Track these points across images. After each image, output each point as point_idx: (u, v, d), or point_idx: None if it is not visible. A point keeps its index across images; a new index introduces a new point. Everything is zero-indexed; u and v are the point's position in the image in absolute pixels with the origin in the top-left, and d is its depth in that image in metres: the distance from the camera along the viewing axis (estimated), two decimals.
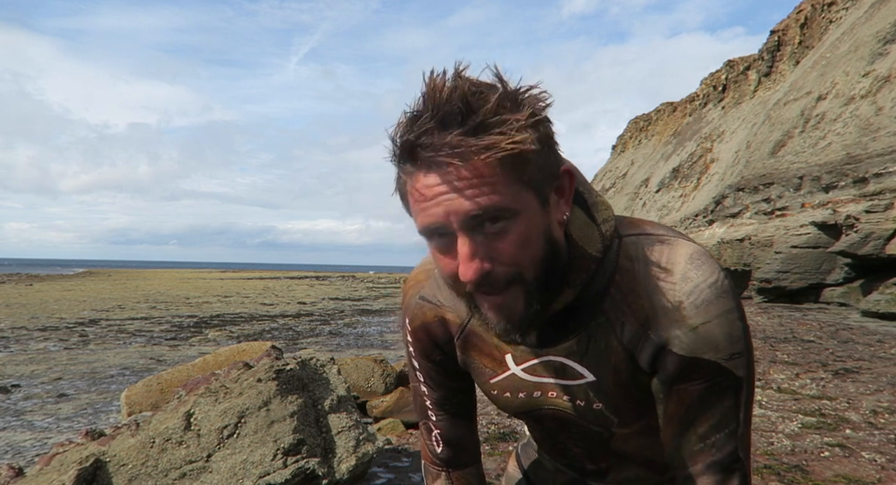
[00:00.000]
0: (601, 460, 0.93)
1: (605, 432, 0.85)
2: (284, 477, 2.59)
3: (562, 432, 0.90)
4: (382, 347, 11.22)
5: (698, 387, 0.73)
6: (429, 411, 0.98)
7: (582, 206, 0.75)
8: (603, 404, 0.81)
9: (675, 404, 0.75)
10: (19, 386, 7.63)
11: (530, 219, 0.66)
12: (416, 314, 0.91)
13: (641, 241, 0.76)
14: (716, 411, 0.73)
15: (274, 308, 19.68)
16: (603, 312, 0.76)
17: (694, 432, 0.74)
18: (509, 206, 0.64)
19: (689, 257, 0.74)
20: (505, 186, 0.63)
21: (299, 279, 48.48)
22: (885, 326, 8.52)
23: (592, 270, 0.74)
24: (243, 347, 5.14)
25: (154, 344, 11.34)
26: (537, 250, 0.67)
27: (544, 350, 0.80)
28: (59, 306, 18.96)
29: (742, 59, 32.33)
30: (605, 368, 0.78)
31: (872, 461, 3.39)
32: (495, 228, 0.65)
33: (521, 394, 0.86)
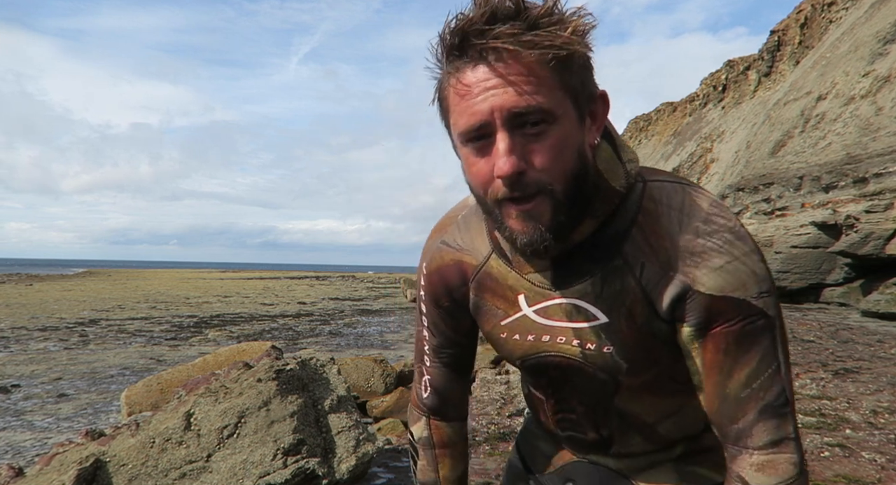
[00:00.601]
0: (603, 425, 0.90)
1: (611, 381, 0.83)
2: (284, 477, 2.59)
3: (565, 384, 0.88)
4: (382, 347, 11.23)
5: (732, 328, 0.71)
6: (425, 356, 1.00)
7: (609, 141, 0.75)
8: (614, 347, 0.79)
9: (711, 351, 0.72)
10: (19, 386, 7.63)
11: (568, 129, 0.67)
12: (433, 258, 0.93)
13: (666, 185, 0.76)
14: (755, 352, 0.71)
15: (274, 308, 19.68)
16: (621, 254, 0.75)
17: (736, 378, 0.71)
18: (553, 109, 0.64)
19: (711, 203, 0.74)
20: (551, 88, 0.64)
21: (299, 279, 48.49)
22: (885, 326, 8.52)
23: (615, 204, 0.74)
24: (243, 347, 5.14)
25: (154, 344, 11.34)
26: (569, 163, 0.67)
27: (558, 292, 0.79)
28: (59, 306, 18.96)
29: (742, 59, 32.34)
30: (620, 310, 0.76)
31: (872, 461, 3.39)
32: (535, 130, 0.65)
33: (530, 337, 0.85)
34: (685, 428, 0.91)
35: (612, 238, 0.75)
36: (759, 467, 0.71)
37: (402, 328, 14.44)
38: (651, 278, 0.74)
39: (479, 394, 5.67)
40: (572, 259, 0.77)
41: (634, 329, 0.77)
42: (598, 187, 0.73)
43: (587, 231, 0.75)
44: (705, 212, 0.73)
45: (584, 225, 0.74)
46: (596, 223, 0.74)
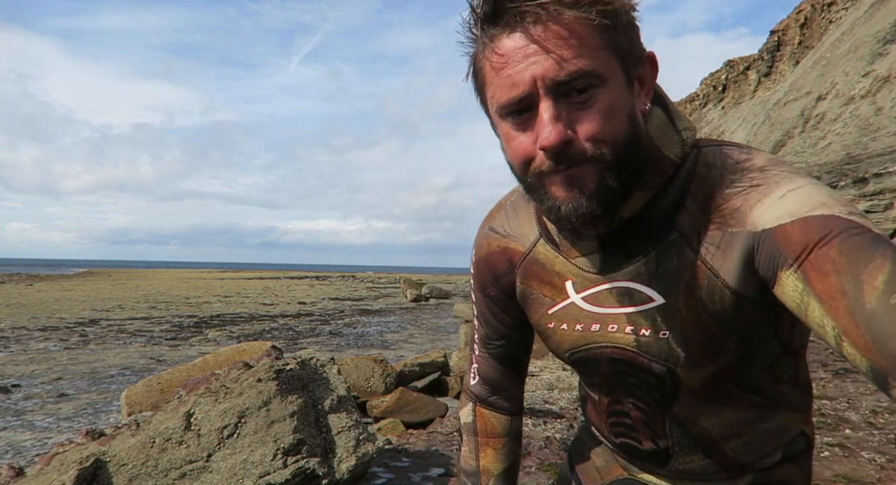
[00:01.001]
0: (661, 434, 0.81)
1: (668, 377, 0.74)
2: (284, 477, 2.60)
3: (618, 382, 0.80)
4: (382, 347, 11.23)
5: (829, 245, 0.55)
6: (475, 344, 0.97)
7: (662, 107, 0.70)
8: (671, 331, 0.70)
9: (821, 280, 0.55)
10: (19, 386, 7.64)
11: (617, 92, 0.61)
12: (481, 245, 0.89)
13: (721, 149, 0.69)
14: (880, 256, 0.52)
15: (274, 308, 19.69)
16: (675, 227, 0.67)
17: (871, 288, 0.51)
18: (599, 71, 0.59)
19: (770, 160, 0.67)
20: (596, 49, 0.59)
21: (299, 279, 48.51)
22: None
23: (668, 175, 0.67)
24: (243, 347, 5.14)
25: (154, 344, 11.34)
26: (620, 128, 0.62)
27: (607, 276, 0.72)
28: (59, 306, 18.97)
29: (742, 59, 32.33)
30: (677, 287, 0.68)
31: (872, 461, 3.39)
32: (582, 97, 0.60)
33: (578, 326, 0.77)
34: (756, 452, 0.81)
35: (666, 211, 0.68)
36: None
37: (402, 328, 14.45)
38: (711, 245, 0.65)
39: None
40: (622, 238, 0.70)
41: (694, 308, 0.68)
42: (648, 157, 0.66)
43: (637, 205, 0.67)
44: (760, 165, 0.66)
45: (633, 198, 0.67)
46: (647, 196, 0.67)
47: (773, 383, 0.76)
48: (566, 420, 4.52)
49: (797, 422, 0.84)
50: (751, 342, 0.69)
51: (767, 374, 0.75)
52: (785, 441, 0.83)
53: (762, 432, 0.80)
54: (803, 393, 0.83)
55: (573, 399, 5.07)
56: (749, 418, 0.78)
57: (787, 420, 0.82)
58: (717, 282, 0.66)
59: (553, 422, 4.47)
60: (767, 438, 0.81)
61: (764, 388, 0.76)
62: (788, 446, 0.84)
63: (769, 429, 0.80)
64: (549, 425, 4.38)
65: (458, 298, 23.80)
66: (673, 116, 0.70)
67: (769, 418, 0.79)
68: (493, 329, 0.93)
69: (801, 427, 0.85)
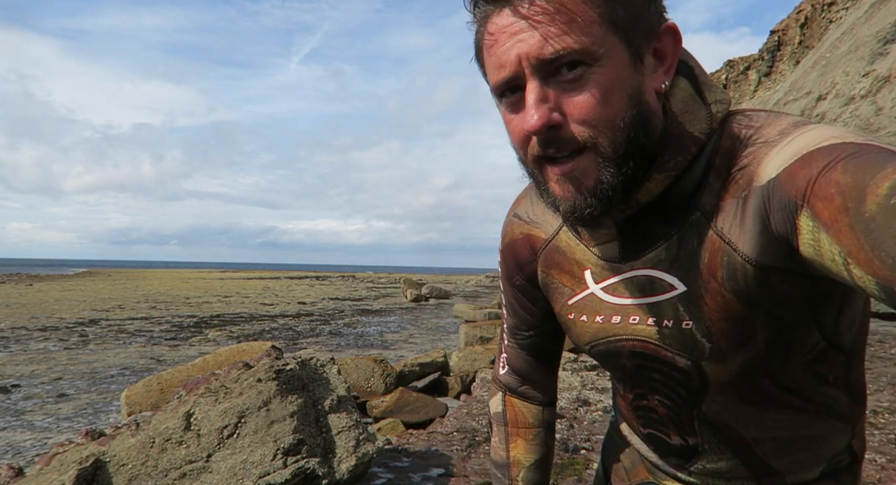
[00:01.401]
0: (689, 430, 0.75)
1: (694, 372, 0.68)
2: (284, 477, 2.59)
3: (643, 378, 0.75)
4: (382, 347, 11.23)
5: (834, 169, 0.48)
6: (504, 333, 0.94)
7: (690, 79, 0.63)
8: (693, 320, 0.64)
9: (827, 207, 0.48)
10: (19, 386, 7.63)
11: (615, 71, 0.56)
12: (506, 232, 0.86)
13: (750, 116, 0.62)
14: (886, 166, 0.45)
15: (274, 308, 19.68)
16: (698, 207, 0.62)
17: (873, 195, 0.44)
18: (590, 48, 0.55)
19: (796, 120, 0.59)
20: (589, 24, 0.54)
21: (299, 279, 48.52)
22: (885, 326, 8.51)
23: (693, 154, 0.61)
24: (243, 347, 5.14)
25: (154, 344, 11.34)
26: (618, 111, 0.57)
27: (627, 264, 0.67)
28: (59, 306, 18.97)
29: (742, 59, 32.34)
30: (698, 271, 0.62)
31: (872, 461, 3.39)
32: (572, 75, 0.56)
33: (598, 318, 0.73)
34: (792, 460, 0.75)
35: (689, 191, 0.62)
36: None
37: (401, 328, 14.45)
38: (727, 218, 0.60)
39: (479, 394, 5.67)
40: (643, 223, 0.65)
41: (716, 292, 0.62)
42: (668, 136, 0.61)
43: (657, 189, 0.62)
44: (782, 127, 0.59)
45: (652, 182, 0.62)
46: (667, 179, 0.62)
47: (816, 383, 0.69)
48: (566, 420, 4.51)
49: (843, 434, 0.76)
50: (783, 324, 0.62)
51: (809, 372, 0.67)
52: (828, 454, 0.76)
53: (801, 438, 0.73)
54: (854, 401, 0.75)
55: (573, 399, 5.07)
56: (786, 421, 0.72)
57: (832, 430, 0.75)
58: (736, 257, 0.59)
59: None
60: (807, 445, 0.74)
61: (805, 388, 0.69)
62: (831, 461, 0.77)
63: (810, 436, 0.73)
64: None
65: (458, 298, 23.80)
66: (702, 88, 0.63)
67: (810, 424, 0.72)
68: (520, 319, 0.89)
69: (847, 440, 0.77)
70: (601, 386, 5.50)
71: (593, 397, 5.19)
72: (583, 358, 7.05)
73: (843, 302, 0.62)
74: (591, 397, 5.16)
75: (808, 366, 0.67)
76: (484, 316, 14.51)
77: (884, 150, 0.48)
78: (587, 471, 3.49)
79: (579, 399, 5.08)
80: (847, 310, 0.64)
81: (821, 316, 0.62)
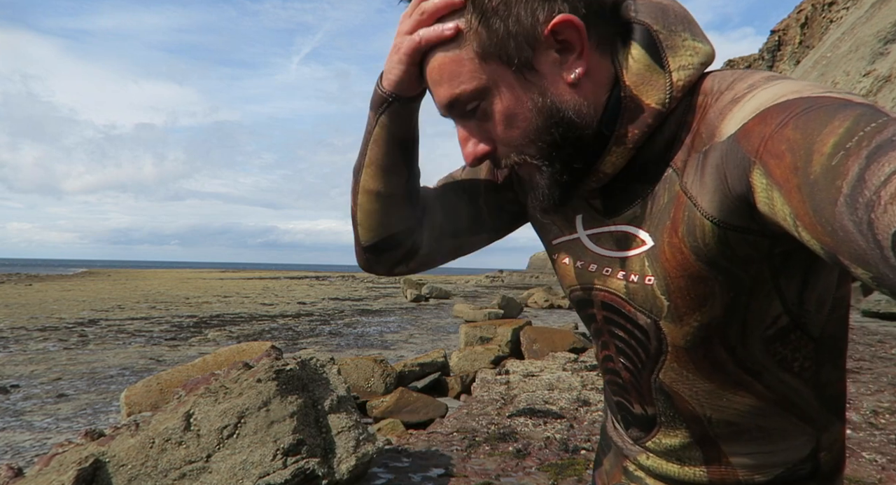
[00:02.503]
0: (647, 397, 0.75)
1: (653, 331, 0.68)
2: (284, 477, 2.59)
3: (609, 333, 0.75)
4: (382, 347, 11.22)
5: (788, 124, 0.47)
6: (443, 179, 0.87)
7: (648, 46, 0.61)
8: (654, 277, 0.65)
9: (777, 165, 0.47)
10: (19, 386, 7.63)
11: (506, 96, 0.61)
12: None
13: (733, 72, 0.61)
14: (839, 119, 0.43)
15: (274, 308, 19.68)
16: (671, 164, 0.63)
17: (819, 154, 0.43)
18: (474, 88, 0.61)
19: (769, 75, 0.58)
20: (461, 65, 0.61)
21: (299, 279, 48.53)
22: (885, 327, 8.51)
23: (650, 125, 0.61)
24: (243, 347, 5.13)
25: (154, 344, 11.34)
26: (526, 127, 0.62)
27: (610, 219, 0.70)
28: (58, 306, 18.97)
29: (742, 59, 32.36)
30: (663, 226, 0.63)
31: (873, 462, 3.38)
32: (476, 113, 0.63)
33: (579, 263, 0.75)
34: (745, 447, 0.72)
35: (661, 150, 0.63)
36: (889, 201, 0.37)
37: (401, 328, 14.45)
38: (690, 172, 0.60)
39: (479, 394, 5.66)
40: (619, 183, 0.67)
41: (676, 248, 0.62)
42: (623, 109, 0.61)
43: (620, 161, 0.64)
44: (753, 80, 0.57)
45: (612, 155, 0.63)
46: (627, 151, 0.63)
47: (777, 366, 0.67)
48: (566, 420, 4.51)
49: (805, 437, 0.71)
50: (741, 288, 0.61)
51: (770, 350, 0.65)
52: (787, 458, 0.71)
53: (756, 428, 0.70)
54: (825, 406, 0.71)
55: (573, 399, 5.07)
56: (743, 406, 0.69)
57: (792, 429, 0.71)
58: (696, 212, 0.59)
59: (553, 422, 4.46)
60: (762, 438, 0.71)
61: (765, 369, 0.67)
62: (790, 468, 0.72)
63: (766, 428, 0.70)
64: (549, 425, 4.37)
65: (458, 298, 23.81)
66: (665, 53, 0.61)
67: (768, 415, 0.69)
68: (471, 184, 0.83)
69: (811, 448, 0.71)
70: (601, 386, 5.50)
71: (593, 397, 5.18)
72: (583, 358, 7.04)
73: (806, 270, 0.61)
74: (592, 397, 5.16)
75: (769, 343, 0.65)
76: (484, 316, 14.51)
77: (837, 100, 0.46)
78: (587, 471, 3.49)
79: (579, 399, 5.08)
80: (813, 283, 0.62)
81: (782, 283, 0.61)
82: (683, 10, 0.64)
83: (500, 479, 3.40)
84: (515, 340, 8.45)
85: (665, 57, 0.61)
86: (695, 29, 0.64)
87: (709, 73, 0.63)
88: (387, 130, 0.73)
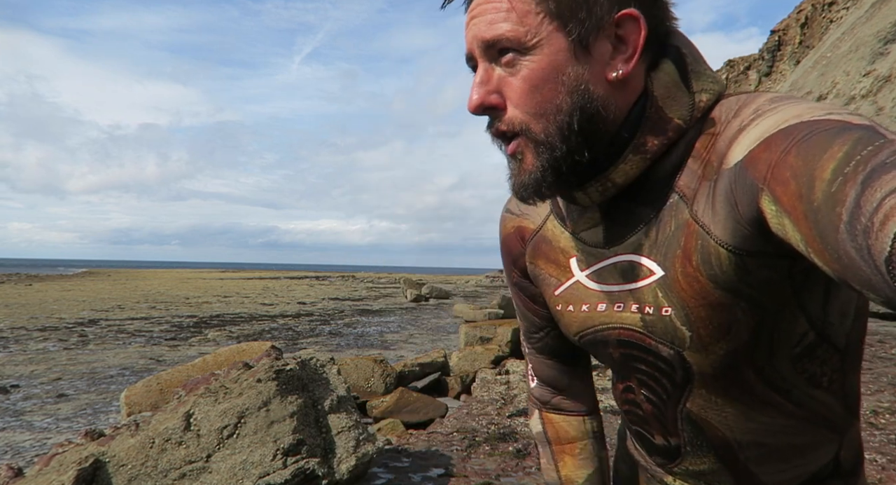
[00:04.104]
0: (671, 428, 0.73)
1: (678, 363, 0.66)
2: (284, 477, 2.59)
3: (629, 367, 0.73)
4: (382, 347, 11.22)
5: (789, 151, 0.48)
6: (523, 342, 0.91)
7: (678, 66, 0.62)
8: (672, 307, 0.63)
9: (783, 192, 0.47)
10: (19, 386, 7.63)
11: (548, 60, 0.58)
12: (501, 228, 0.85)
13: (736, 98, 0.61)
14: (838, 144, 0.44)
15: (274, 308, 19.67)
16: (676, 190, 0.61)
17: (820, 181, 0.43)
18: (521, 38, 0.58)
19: (773, 97, 0.58)
20: (523, 14, 0.58)
21: (299, 279, 48.53)
22: (885, 326, 8.51)
23: (671, 139, 0.61)
24: (243, 347, 5.13)
25: (154, 344, 11.34)
26: (549, 100, 0.59)
27: (611, 249, 0.67)
28: (58, 306, 18.96)
29: (742, 59, 32.36)
30: (674, 255, 0.62)
31: (873, 462, 3.38)
32: (505, 59, 0.60)
33: (585, 307, 0.72)
34: (774, 466, 0.72)
35: (668, 174, 0.62)
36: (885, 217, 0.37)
37: (402, 328, 14.45)
38: (701, 200, 0.59)
39: (479, 394, 5.66)
40: (624, 205, 0.65)
41: (692, 277, 0.60)
42: (647, 118, 0.61)
43: (633, 171, 0.62)
44: (758, 104, 0.58)
45: (626, 163, 0.62)
46: (643, 161, 0.62)
47: (806, 383, 0.66)
48: None
49: (832, 444, 0.72)
50: (765, 311, 0.60)
51: (798, 369, 0.64)
52: (813, 467, 0.73)
53: (787, 446, 0.70)
54: (848, 411, 0.71)
55: None
56: (773, 425, 0.68)
57: (821, 441, 0.71)
58: (709, 240, 0.58)
59: None
60: (792, 455, 0.71)
61: (794, 387, 0.66)
62: (814, 475, 0.73)
63: (796, 445, 0.70)
64: None
65: (458, 298, 23.80)
66: (691, 75, 0.62)
67: (799, 432, 0.69)
68: (529, 321, 0.87)
69: (834, 451, 0.73)
70: (601, 386, 5.50)
71: None
72: None
73: (828, 283, 0.60)
74: None
75: (797, 361, 0.64)
76: (484, 316, 14.50)
77: (836, 123, 0.47)
78: None
79: None
80: (835, 294, 0.62)
81: (805, 300, 0.60)
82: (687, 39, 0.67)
83: (500, 479, 3.40)
84: (515, 341, 8.44)
85: (691, 79, 0.62)
86: (703, 58, 0.66)
87: (719, 100, 0.64)
88: None
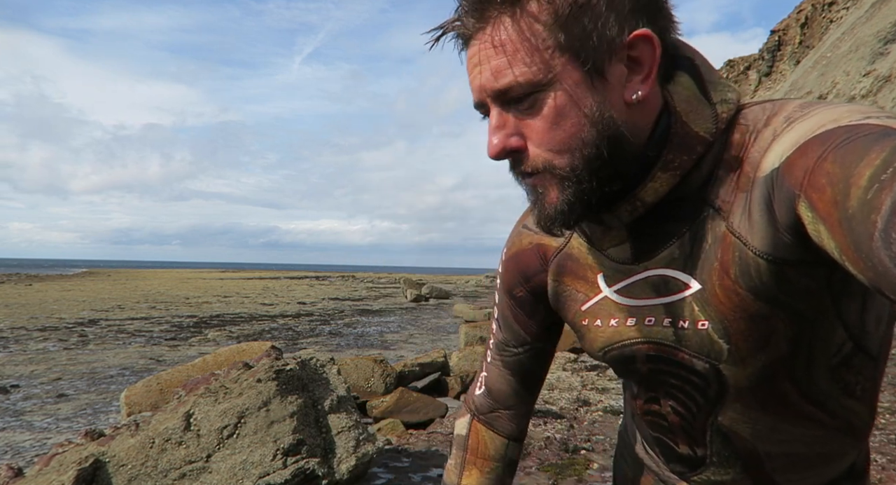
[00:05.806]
0: (699, 439, 0.72)
1: (713, 376, 0.66)
2: (284, 477, 2.59)
3: (657, 381, 0.72)
4: (382, 347, 11.22)
5: (826, 157, 0.47)
6: (489, 351, 0.91)
7: (694, 77, 0.62)
8: (709, 320, 0.62)
9: (819, 198, 0.46)
10: (19, 386, 7.63)
11: (566, 94, 0.57)
12: (513, 242, 0.84)
13: (761, 107, 0.61)
14: (876, 151, 0.42)
15: (274, 308, 19.68)
16: (709, 203, 0.61)
17: (856, 188, 0.42)
18: (535, 78, 0.56)
19: (801, 103, 0.58)
20: (532, 53, 0.56)
21: (299, 279, 48.52)
22: None
23: (699, 154, 0.60)
24: (243, 347, 5.14)
25: (154, 344, 11.34)
26: (573, 134, 0.58)
27: (641, 265, 0.66)
28: (58, 306, 18.96)
29: (742, 59, 32.35)
30: (711, 268, 0.61)
31: (873, 462, 3.38)
32: (525, 104, 0.58)
33: (613, 321, 0.71)
34: (799, 475, 0.72)
35: (698, 188, 0.61)
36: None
37: (401, 328, 14.45)
38: (737, 211, 0.58)
39: None
40: (654, 223, 0.64)
41: (730, 290, 0.60)
42: (673, 135, 0.60)
43: (662, 189, 0.61)
44: (788, 111, 0.57)
45: (655, 181, 0.61)
46: (673, 178, 0.61)
47: (841, 393, 0.65)
48: (566, 420, 4.51)
49: (854, 451, 0.73)
50: (804, 321, 0.59)
51: (835, 379, 0.64)
52: (833, 474, 0.74)
53: (815, 456, 0.70)
54: (871, 417, 0.71)
55: (573, 399, 5.07)
56: (805, 436, 0.68)
57: (846, 449, 0.72)
58: (747, 252, 0.57)
59: (553, 422, 4.46)
60: (818, 463, 0.71)
61: (829, 398, 0.65)
62: (832, 479, 0.74)
63: (823, 454, 0.70)
64: (549, 426, 4.37)
65: (458, 298, 23.81)
66: (708, 86, 0.62)
67: (828, 441, 0.68)
68: (513, 334, 0.87)
69: (853, 458, 0.75)
70: (601, 386, 5.50)
71: (593, 397, 5.19)
72: (583, 358, 7.04)
73: (864, 292, 0.60)
74: (592, 397, 5.16)
75: (834, 371, 0.64)
76: (484, 316, 14.51)
77: (876, 128, 0.46)
78: (587, 471, 3.49)
79: (579, 399, 5.08)
80: (871, 302, 0.61)
81: (843, 308, 0.60)
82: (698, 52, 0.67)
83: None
84: None
85: (709, 90, 0.62)
86: (715, 69, 0.66)
87: (739, 112, 0.63)
88: None
